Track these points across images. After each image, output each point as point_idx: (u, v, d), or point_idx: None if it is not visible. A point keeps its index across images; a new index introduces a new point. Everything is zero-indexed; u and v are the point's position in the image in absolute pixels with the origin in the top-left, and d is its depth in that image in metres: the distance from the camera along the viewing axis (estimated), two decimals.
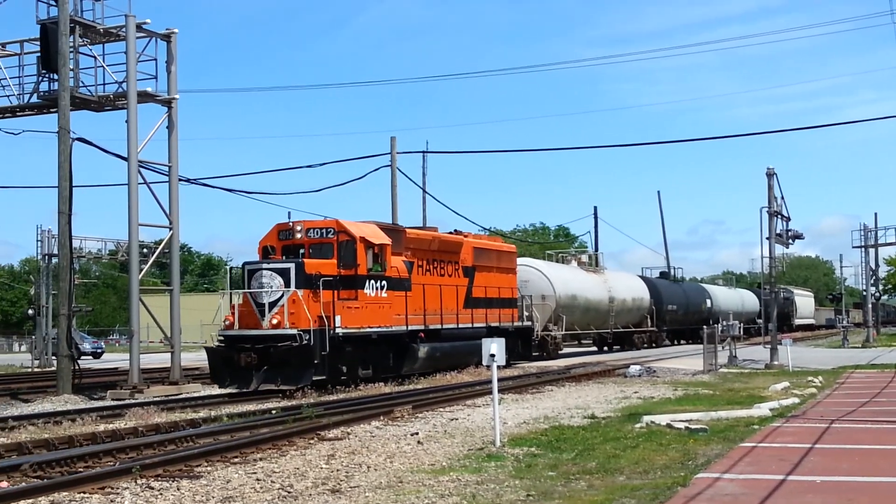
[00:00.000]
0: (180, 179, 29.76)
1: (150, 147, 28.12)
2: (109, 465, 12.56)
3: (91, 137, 29.25)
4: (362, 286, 26.25)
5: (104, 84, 28.75)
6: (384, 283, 27.07)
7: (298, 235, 26.46)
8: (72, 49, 27.36)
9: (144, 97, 28.12)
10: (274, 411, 19.28)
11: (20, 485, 11.37)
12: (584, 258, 51.82)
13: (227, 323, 25.27)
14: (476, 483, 11.16)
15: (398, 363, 28.23)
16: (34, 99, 29.42)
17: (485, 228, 74.40)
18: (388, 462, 12.93)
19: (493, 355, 14.47)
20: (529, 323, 37.68)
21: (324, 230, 26.43)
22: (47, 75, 28.61)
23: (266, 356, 24.17)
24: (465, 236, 33.93)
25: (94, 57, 28.87)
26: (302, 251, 26.40)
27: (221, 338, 25.26)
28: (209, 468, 12.54)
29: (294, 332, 24.16)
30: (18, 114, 30.37)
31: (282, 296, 24.71)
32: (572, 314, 43.43)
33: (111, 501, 10.40)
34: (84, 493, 10.85)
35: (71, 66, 27.24)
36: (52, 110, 28.65)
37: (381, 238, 27.21)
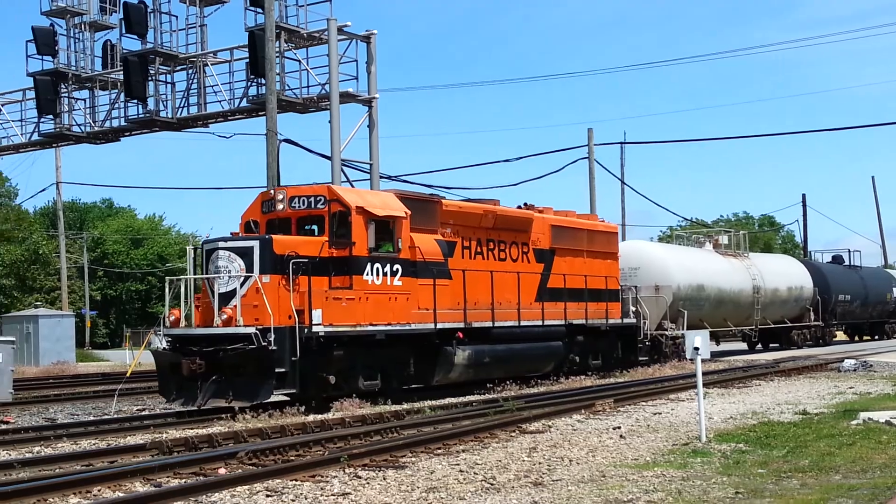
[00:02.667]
0: (381, 177, 30.44)
1: (351, 146, 29.10)
2: (319, 455, 12.95)
3: (296, 138, 30.40)
4: (359, 271, 20.08)
5: (308, 86, 29.81)
6: (397, 267, 20.90)
7: (280, 206, 20.69)
8: (278, 54, 28.43)
9: (346, 98, 28.95)
10: (474, 404, 19.45)
11: (237, 471, 11.89)
12: (724, 240, 42.61)
13: (171, 319, 19.80)
14: (682, 479, 10.89)
15: (425, 371, 22.04)
16: (244, 103, 30.78)
17: (686, 219, 72.58)
18: (590, 456, 12.79)
19: (696, 348, 14.08)
20: (633, 320, 30.30)
21: (312, 199, 20.54)
22: (255, 80, 29.88)
23: (216, 363, 18.56)
24: (540, 211, 27.03)
25: (299, 61, 29.97)
26: (289, 227, 20.77)
27: (169, 338, 19.80)
28: (413, 459, 12.75)
29: (249, 330, 18.34)
30: (230, 118, 31.90)
31: (242, 283, 18.97)
32: (698, 308, 35.36)
33: (321, 489, 10.72)
34: (296, 480, 11.23)
35: (277, 71, 28.31)
36: (260, 113, 29.84)
37: (391, 209, 21.03)
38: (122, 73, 31.96)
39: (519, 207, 26.73)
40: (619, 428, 15.59)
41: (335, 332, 19.32)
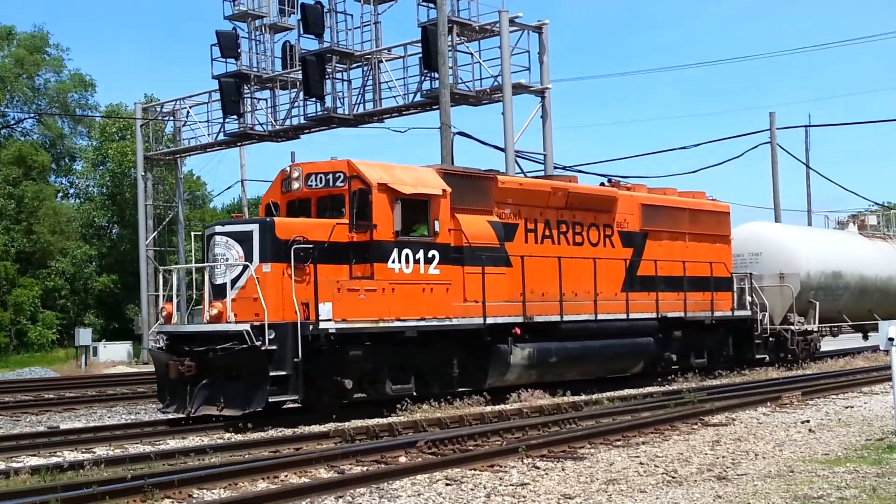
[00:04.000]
0: (555, 167, 30.29)
1: (524, 137, 29.01)
2: (497, 445, 12.97)
3: (469, 130, 30.67)
4: (382, 258, 17.43)
5: (480, 79, 29.99)
6: (433, 253, 18.15)
7: (296, 185, 18.14)
8: (450, 48, 28.68)
9: (518, 89, 28.96)
10: (654, 395, 19.10)
11: (416, 460, 12.04)
12: (872, 220, 36.78)
13: (164, 314, 17.73)
14: (876, 476, 10.35)
15: (476, 373, 19.13)
16: (418, 98, 31.22)
17: (876, 203, 69.19)
18: (776, 450, 12.34)
19: (891, 339, 13.36)
20: (746, 312, 26.17)
21: (331, 176, 17.87)
22: (429, 75, 30.23)
23: (207, 364, 16.38)
24: (628, 188, 23.94)
25: (471, 54, 30.15)
26: (308, 208, 18.21)
27: (164, 336, 17.62)
28: (592, 450, 12.60)
29: (241, 327, 15.98)
30: (404, 112, 32.44)
31: (241, 273, 16.61)
32: (834, 298, 30.33)
33: (500, 479, 10.72)
34: (474, 469, 11.28)
35: (450, 65, 28.54)
36: (433, 107, 30.19)
37: (424, 186, 18.22)
38: (300, 72, 32.91)
39: (602, 184, 23.77)
40: (808, 421, 14.99)
41: (350, 328, 16.72)
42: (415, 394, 17.96)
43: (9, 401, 21.60)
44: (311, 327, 16.23)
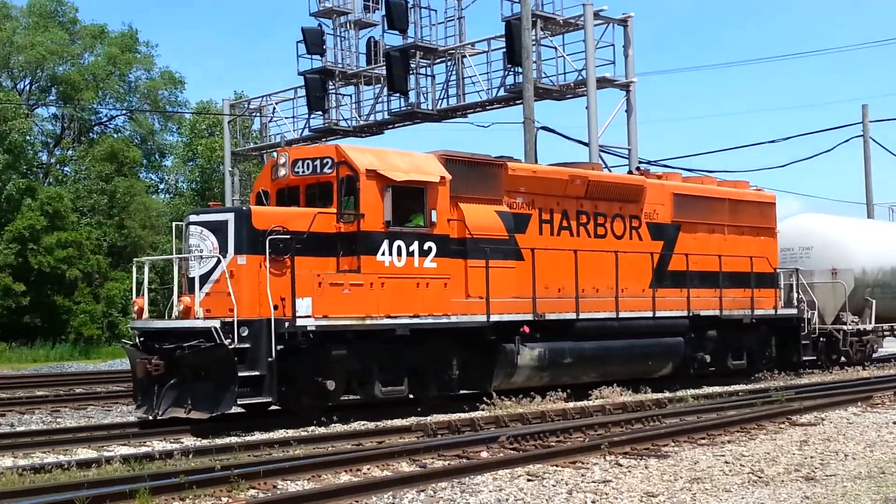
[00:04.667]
0: (640, 161, 29.97)
1: (609, 131, 28.75)
2: (579, 441, 12.91)
3: (553, 125, 30.52)
4: (370, 250, 16.24)
5: (564, 73, 29.76)
6: (430, 245, 16.97)
7: (283, 172, 17.10)
8: (534, 42, 28.53)
9: (603, 83, 28.71)
10: (740, 393, 18.80)
11: (498, 455, 12.03)
12: None
13: (135, 309, 16.58)
14: None
15: (480, 374, 17.97)
16: (501, 93, 31.12)
17: None
18: (867, 451, 12.06)
19: None
20: (792, 310, 24.26)
21: (318, 162, 16.77)
22: (512, 69, 30.12)
23: (175, 363, 15.38)
24: (659, 177, 22.47)
25: (555, 48, 29.96)
26: (297, 196, 17.17)
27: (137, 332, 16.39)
28: (676, 448, 12.46)
29: (209, 324, 14.86)
30: (487, 107, 32.40)
31: (215, 265, 15.53)
32: (894, 297, 28.19)
33: (581, 476, 10.66)
34: (556, 466, 11.23)
35: (534, 59, 28.40)
36: (517, 102, 30.02)
37: (418, 172, 17.01)
38: (384, 68, 33.12)
39: (630, 173, 22.46)
40: None
41: (332, 326, 15.61)
42: (410, 396, 17.13)
43: (101, 391, 22.18)
44: (286, 324, 15.12)
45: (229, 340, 14.74)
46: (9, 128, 44.86)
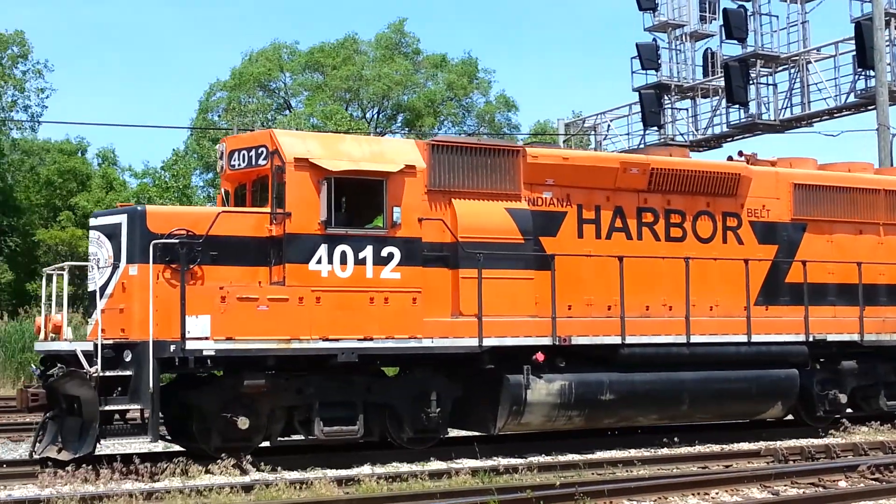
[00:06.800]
0: None
1: None
2: None
3: None
4: (301, 256, 13.24)
5: None
6: (390, 251, 13.64)
7: (220, 165, 14.58)
8: (887, 43, 26.80)
9: None
10: None
11: (858, 485, 11.25)
12: None
13: (47, 325, 13.82)
14: None
15: (482, 412, 14.52)
16: (850, 98, 29.46)
17: None
18: None
19: None
20: None
21: (253, 152, 13.91)
22: (863, 73, 28.43)
23: (53, 394, 12.92)
24: (772, 164, 17.45)
25: None
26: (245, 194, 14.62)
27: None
28: None
29: (74, 347, 12.58)
30: (835, 115, 30.72)
31: (111, 276, 13.07)
32: None
33: None
34: None
35: (888, 61, 26.67)
36: (869, 108, 28.38)
37: (372, 161, 13.82)
38: (722, 79, 32.24)
39: (730, 158, 17.45)
40: None
41: (238, 350, 12.72)
42: (376, 439, 13.99)
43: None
44: (172, 347, 12.44)
45: (95, 368, 12.32)
46: None
